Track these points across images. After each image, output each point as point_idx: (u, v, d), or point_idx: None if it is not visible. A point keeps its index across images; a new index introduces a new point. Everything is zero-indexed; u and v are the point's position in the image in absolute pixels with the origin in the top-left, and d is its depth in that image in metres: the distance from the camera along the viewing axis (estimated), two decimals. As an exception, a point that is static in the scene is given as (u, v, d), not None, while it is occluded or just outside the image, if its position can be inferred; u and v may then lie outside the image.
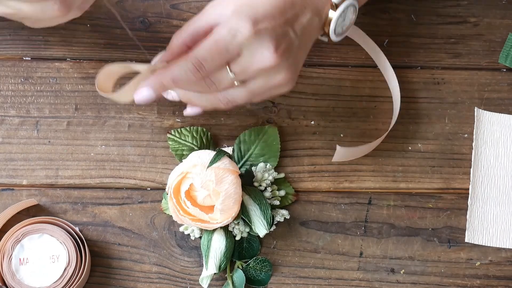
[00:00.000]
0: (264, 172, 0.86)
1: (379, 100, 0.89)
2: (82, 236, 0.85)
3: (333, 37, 0.78)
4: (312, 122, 0.89)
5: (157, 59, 0.78)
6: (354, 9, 0.78)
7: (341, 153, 0.84)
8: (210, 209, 0.83)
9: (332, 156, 0.88)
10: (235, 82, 0.74)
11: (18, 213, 0.87)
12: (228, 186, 0.82)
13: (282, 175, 0.88)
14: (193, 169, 0.82)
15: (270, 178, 0.87)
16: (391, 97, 0.89)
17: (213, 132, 0.88)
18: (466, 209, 0.88)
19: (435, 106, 0.89)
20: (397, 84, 0.87)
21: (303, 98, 0.89)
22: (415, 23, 0.90)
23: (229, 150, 0.87)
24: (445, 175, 0.89)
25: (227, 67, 0.73)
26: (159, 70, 0.74)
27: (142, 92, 0.75)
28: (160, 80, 0.74)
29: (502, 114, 0.89)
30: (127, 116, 0.88)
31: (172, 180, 0.83)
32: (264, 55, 0.73)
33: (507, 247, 0.88)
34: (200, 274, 0.87)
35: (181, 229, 0.87)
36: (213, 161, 0.82)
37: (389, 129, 0.87)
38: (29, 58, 0.88)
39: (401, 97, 0.89)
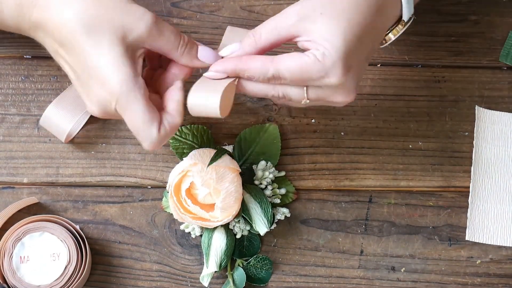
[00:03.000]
0: (265, 170, 0.86)
1: (380, 98, 0.89)
2: (82, 234, 0.85)
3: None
4: (313, 120, 0.89)
5: (228, 52, 0.76)
6: None
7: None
8: (210, 207, 0.83)
9: (333, 155, 0.88)
10: (303, 101, 0.75)
11: (19, 211, 0.87)
12: (228, 184, 0.82)
13: (282, 173, 0.88)
14: (193, 167, 0.82)
15: (271, 176, 0.87)
16: (392, 95, 0.89)
17: (213, 131, 0.88)
18: (467, 207, 0.88)
19: (435, 104, 0.89)
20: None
21: (303, 96, 0.89)
22: (416, 21, 0.90)
23: (229, 148, 0.87)
24: (446, 173, 0.89)
25: (305, 88, 0.74)
26: (237, 56, 0.74)
27: (215, 67, 0.74)
28: (235, 67, 0.73)
29: (503, 113, 0.89)
30: (128, 114, 0.88)
31: (172, 178, 0.83)
32: (343, 96, 0.74)
33: (508, 245, 0.88)
34: (200, 272, 0.87)
35: (181, 227, 0.87)
36: (213, 159, 0.82)
37: None
38: (30, 57, 0.88)
39: (402, 95, 0.89)
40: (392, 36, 0.79)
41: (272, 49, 0.75)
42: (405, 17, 0.77)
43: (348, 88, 0.73)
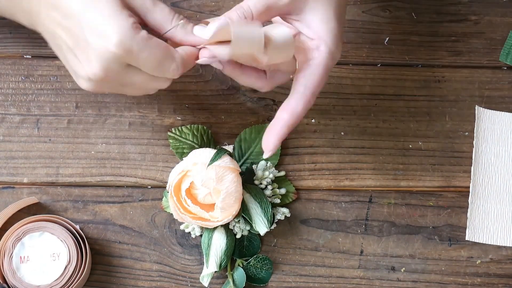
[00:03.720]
0: (265, 170, 0.86)
1: (380, 98, 0.89)
2: (82, 234, 0.85)
3: None
4: (313, 120, 0.89)
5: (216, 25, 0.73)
6: None
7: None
8: (210, 207, 0.83)
9: (333, 155, 0.88)
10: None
11: (19, 211, 0.87)
12: (228, 184, 0.82)
13: (282, 173, 0.88)
14: (193, 167, 0.82)
15: (271, 176, 0.87)
16: (392, 95, 0.89)
17: (213, 130, 0.88)
18: (467, 207, 0.88)
19: (435, 104, 0.89)
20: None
21: (303, 96, 0.89)
22: (416, 21, 0.90)
23: (229, 148, 0.87)
24: (446, 173, 0.89)
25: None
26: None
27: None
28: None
29: (503, 112, 0.89)
30: (128, 114, 0.88)
31: (172, 178, 0.83)
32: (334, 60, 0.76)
33: (508, 245, 0.88)
34: (200, 272, 0.87)
35: (181, 227, 0.87)
36: (213, 159, 0.82)
37: None
38: (30, 56, 0.88)
39: (402, 95, 0.89)
40: None
41: None
42: None
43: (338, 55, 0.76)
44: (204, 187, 0.82)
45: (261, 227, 0.84)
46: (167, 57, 0.72)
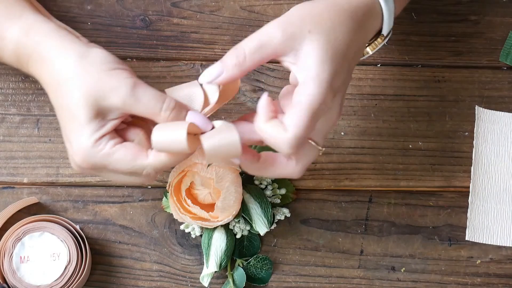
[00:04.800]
0: (265, 170, 0.86)
1: (380, 98, 0.89)
2: (82, 234, 0.85)
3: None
4: (313, 120, 0.89)
5: (210, 77, 0.71)
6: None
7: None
8: (210, 207, 0.83)
9: (333, 155, 0.88)
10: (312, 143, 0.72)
11: (19, 211, 0.87)
12: (228, 184, 0.82)
13: (282, 173, 0.88)
14: (193, 167, 0.82)
15: (271, 176, 0.87)
16: (392, 95, 0.89)
17: (213, 130, 0.88)
18: (467, 207, 0.88)
19: (435, 104, 0.89)
20: None
21: (303, 96, 0.89)
22: (416, 21, 0.90)
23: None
24: (446, 173, 0.89)
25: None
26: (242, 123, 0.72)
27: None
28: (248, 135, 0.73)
29: (503, 112, 0.89)
30: (128, 114, 0.88)
31: (172, 178, 0.83)
32: (331, 119, 0.72)
33: (508, 245, 0.88)
34: (200, 272, 0.87)
35: (181, 227, 0.87)
36: None
37: None
38: (30, 56, 0.88)
39: (402, 95, 0.89)
40: (369, 50, 0.78)
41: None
42: (384, 31, 0.75)
43: (335, 111, 0.71)
44: (204, 187, 0.82)
45: (261, 227, 0.84)
46: (135, 166, 0.70)
